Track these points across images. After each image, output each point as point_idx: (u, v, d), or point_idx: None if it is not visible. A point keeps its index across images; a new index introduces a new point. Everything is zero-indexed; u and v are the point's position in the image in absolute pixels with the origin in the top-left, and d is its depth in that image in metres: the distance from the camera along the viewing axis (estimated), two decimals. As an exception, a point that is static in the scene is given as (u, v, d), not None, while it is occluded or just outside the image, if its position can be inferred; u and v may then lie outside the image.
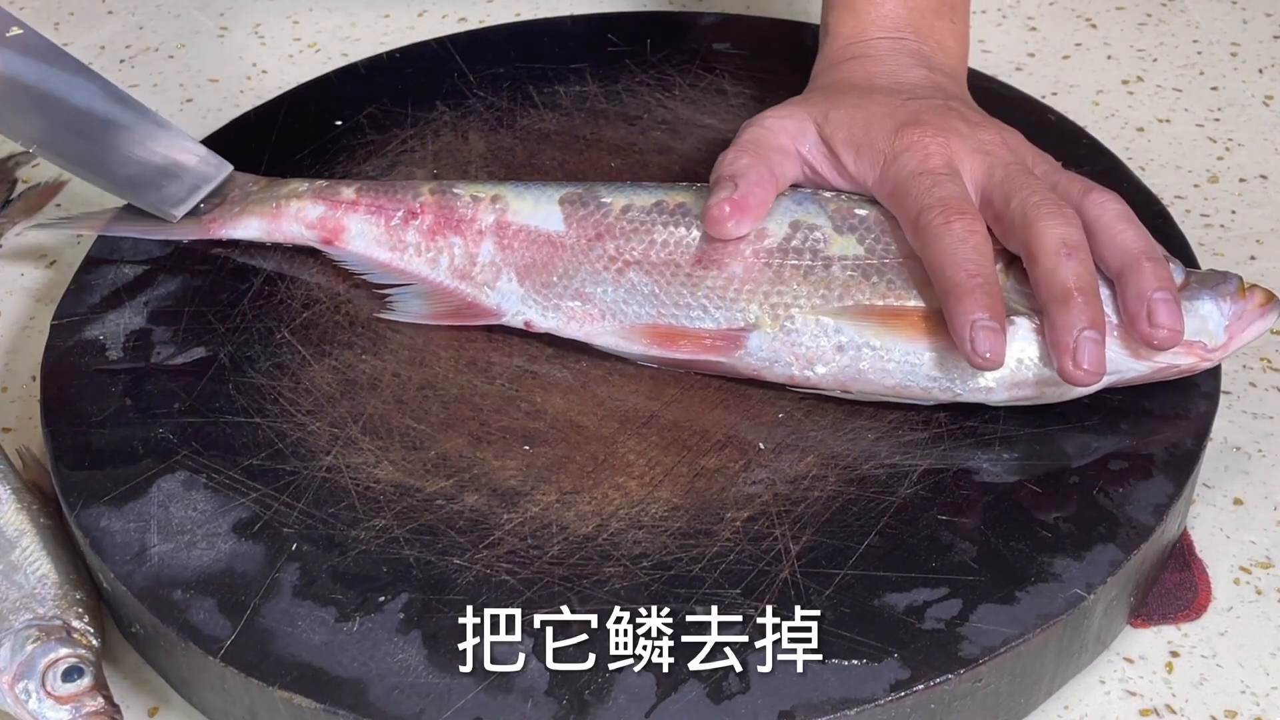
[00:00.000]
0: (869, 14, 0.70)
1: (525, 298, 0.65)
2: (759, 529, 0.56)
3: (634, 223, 0.64)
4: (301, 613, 0.54)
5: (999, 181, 0.61)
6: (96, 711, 0.55)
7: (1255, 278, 0.71)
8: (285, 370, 0.64)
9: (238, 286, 0.68)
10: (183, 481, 0.59)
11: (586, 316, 0.63)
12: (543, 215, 0.65)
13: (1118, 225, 0.59)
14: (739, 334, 0.61)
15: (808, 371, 0.61)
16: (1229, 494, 0.64)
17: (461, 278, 0.66)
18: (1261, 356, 0.70)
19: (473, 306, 0.65)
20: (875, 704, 0.50)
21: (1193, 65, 0.90)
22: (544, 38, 0.84)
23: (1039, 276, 0.58)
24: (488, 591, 0.55)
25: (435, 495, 0.58)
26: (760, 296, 0.61)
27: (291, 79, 0.87)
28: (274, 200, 0.70)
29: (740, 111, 0.77)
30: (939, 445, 0.59)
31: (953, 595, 0.54)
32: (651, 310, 0.62)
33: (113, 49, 0.95)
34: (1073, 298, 0.57)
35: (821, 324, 0.60)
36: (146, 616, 0.55)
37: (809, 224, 0.63)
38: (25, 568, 0.59)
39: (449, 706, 0.51)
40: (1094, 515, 0.56)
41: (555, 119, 0.78)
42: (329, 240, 0.68)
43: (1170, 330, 0.57)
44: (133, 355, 0.65)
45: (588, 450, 0.60)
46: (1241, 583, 0.61)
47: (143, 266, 0.70)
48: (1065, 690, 0.57)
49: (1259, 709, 0.56)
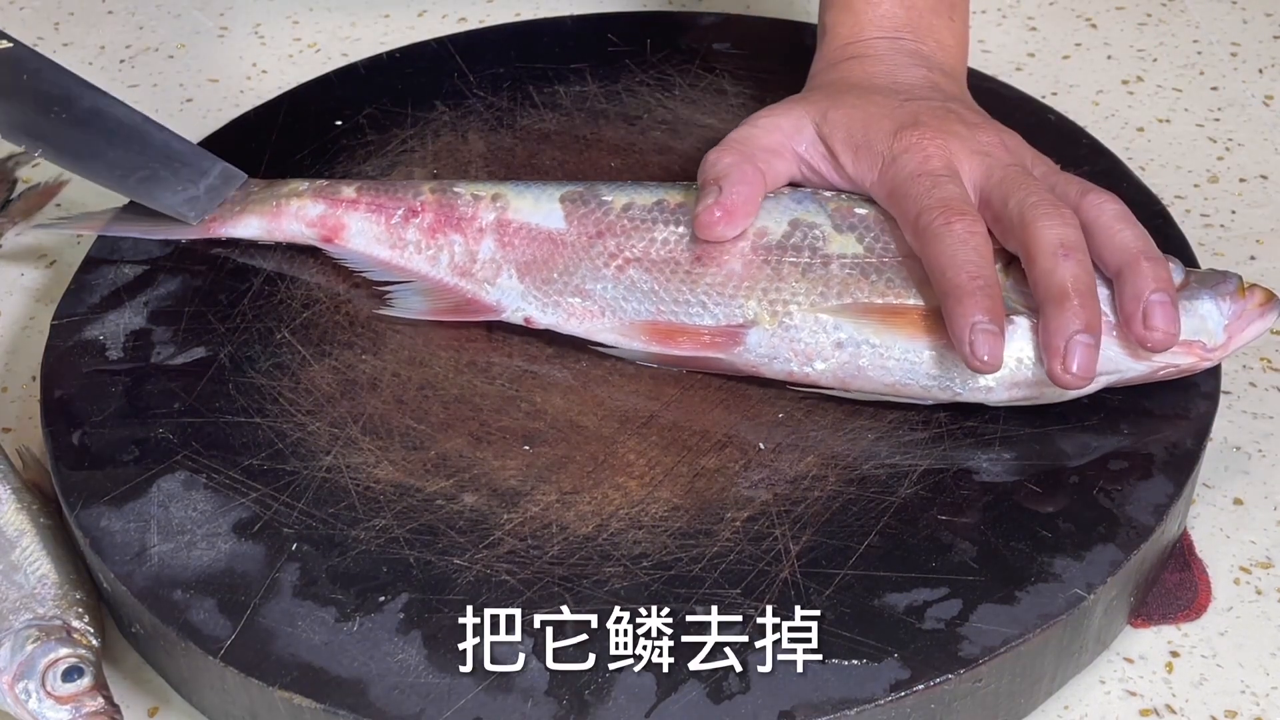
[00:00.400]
0: (867, 13, 0.70)
1: (525, 294, 0.65)
2: (759, 529, 0.56)
3: (635, 220, 0.64)
4: (301, 613, 0.54)
5: (997, 182, 0.61)
6: (96, 711, 0.55)
7: (1255, 278, 0.71)
8: (285, 370, 0.64)
9: (238, 286, 0.68)
10: (183, 481, 0.59)
11: (586, 313, 0.64)
12: (544, 213, 0.65)
13: (1116, 225, 0.59)
14: (738, 330, 0.61)
15: (806, 368, 0.61)
16: (1229, 494, 0.64)
17: (462, 274, 0.66)
18: (1261, 356, 0.70)
19: (473, 303, 0.65)
20: (875, 704, 0.50)
21: (1193, 65, 0.90)
22: (544, 38, 0.84)
23: (1036, 277, 0.58)
24: (488, 591, 0.55)
25: (435, 495, 0.58)
26: (759, 293, 0.61)
27: (291, 79, 0.87)
28: (274, 199, 0.70)
29: (740, 111, 0.77)
30: (939, 445, 0.59)
31: (953, 595, 0.54)
32: (651, 307, 0.63)
33: (113, 49, 0.95)
34: (1068, 299, 0.57)
35: (820, 321, 0.60)
36: (146, 616, 0.55)
37: (809, 222, 0.63)
38: (25, 568, 0.59)
39: (449, 706, 0.51)
40: (1094, 515, 0.56)
41: (555, 119, 0.78)
42: (329, 238, 0.68)
43: (1165, 333, 0.57)
44: (133, 355, 0.65)
45: (588, 450, 0.60)
46: (1241, 583, 0.61)
47: (143, 266, 0.70)
48: (1065, 690, 0.57)
49: (1259, 709, 0.56)
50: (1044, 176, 0.62)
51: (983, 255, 0.58)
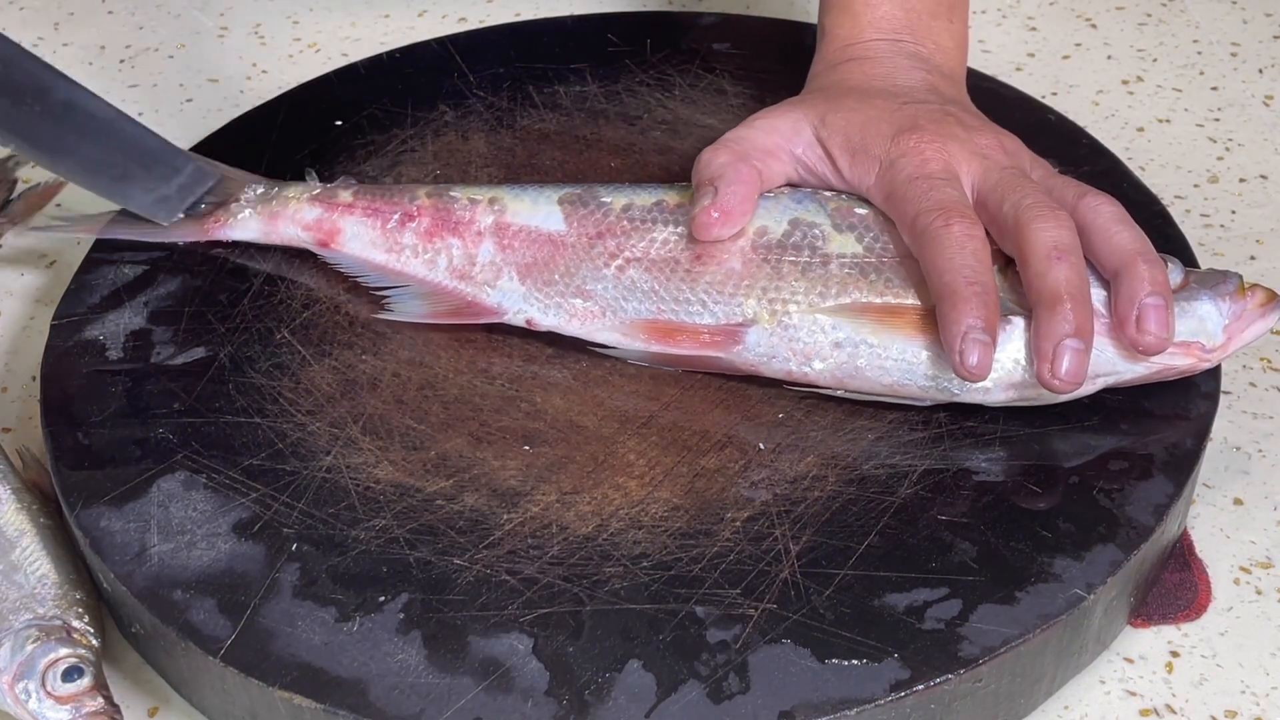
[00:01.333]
0: (865, 16, 0.69)
1: (527, 296, 0.65)
2: (759, 529, 0.56)
3: (634, 221, 0.64)
4: (301, 613, 0.54)
5: (994, 185, 0.60)
6: (96, 711, 0.55)
7: (1255, 278, 0.71)
8: (285, 370, 0.64)
9: (237, 286, 0.68)
10: (183, 481, 0.59)
11: (588, 314, 0.64)
12: (543, 215, 0.66)
13: (1113, 227, 0.59)
14: (737, 329, 0.61)
15: (805, 367, 0.61)
16: (1229, 494, 0.64)
17: (461, 278, 0.66)
18: (1261, 356, 0.70)
19: (473, 305, 0.65)
20: (875, 704, 0.50)
21: (1193, 65, 0.90)
22: (544, 38, 0.84)
23: (1029, 279, 0.58)
24: (488, 591, 0.55)
25: (435, 495, 0.58)
26: (759, 292, 0.61)
27: (291, 79, 0.87)
28: (271, 202, 0.70)
29: (740, 111, 0.77)
30: (939, 445, 0.59)
31: (953, 595, 0.54)
32: (651, 306, 0.63)
33: (113, 49, 0.95)
34: (1059, 303, 0.56)
35: (818, 321, 0.60)
36: (146, 616, 0.55)
37: (808, 222, 0.63)
38: (25, 568, 0.59)
39: (449, 706, 0.51)
40: (1094, 515, 0.56)
41: (555, 119, 0.78)
42: (325, 243, 0.68)
43: (1158, 337, 0.57)
44: (133, 355, 0.65)
45: (588, 450, 0.60)
46: (1241, 583, 0.61)
47: (143, 266, 0.70)
48: (1065, 690, 0.57)
49: (1259, 709, 0.56)
50: (1042, 179, 0.62)
51: (980, 259, 0.58)
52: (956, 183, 0.61)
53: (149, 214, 0.70)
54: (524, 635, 0.53)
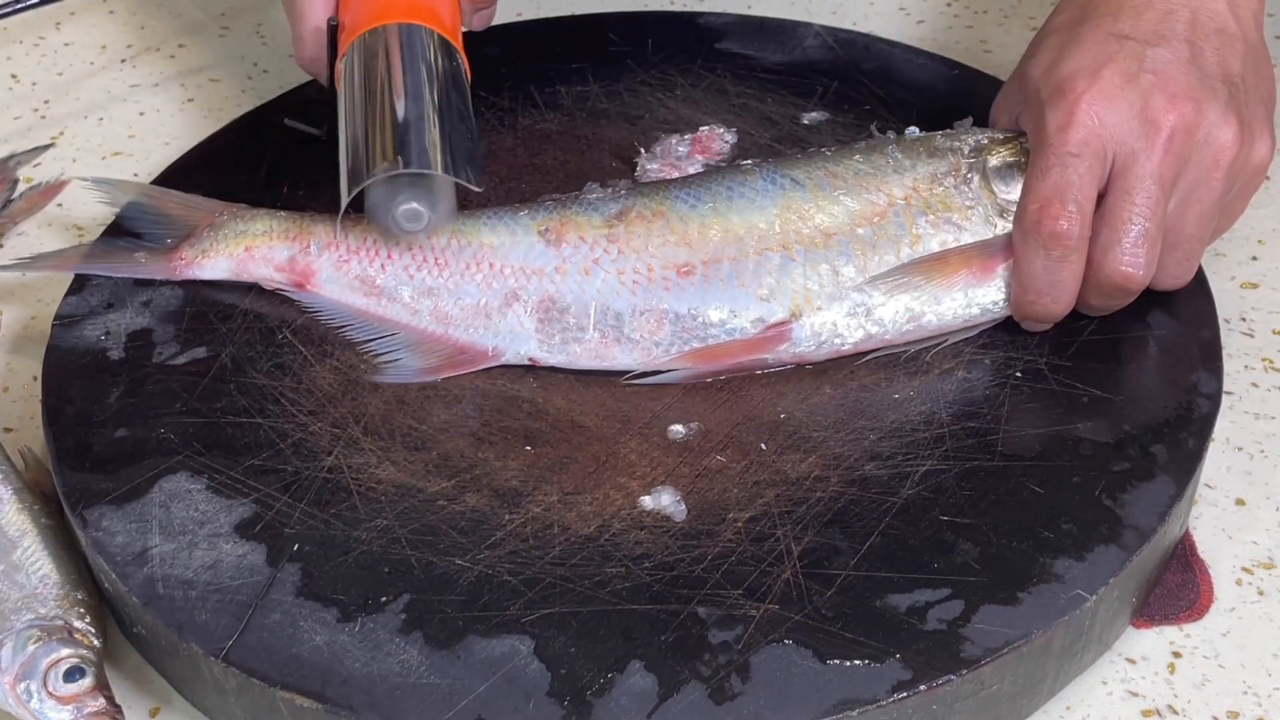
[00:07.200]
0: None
1: (527, 335, 0.63)
2: (761, 529, 0.56)
3: (628, 235, 0.63)
4: (303, 613, 0.54)
5: (1123, 190, 0.60)
6: (98, 712, 0.55)
7: (1255, 278, 0.71)
8: (287, 370, 0.64)
9: (239, 286, 0.68)
10: (184, 482, 0.59)
11: (603, 344, 0.63)
12: (524, 248, 0.64)
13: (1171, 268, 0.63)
14: (782, 328, 0.62)
15: (861, 342, 0.63)
16: (1231, 494, 0.64)
17: (444, 322, 0.64)
18: (1263, 357, 0.70)
19: (467, 350, 0.63)
20: (877, 705, 0.50)
21: (1194, 65, 0.90)
22: (545, 38, 0.84)
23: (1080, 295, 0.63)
24: (489, 592, 0.55)
25: (437, 496, 0.58)
26: (781, 284, 0.62)
27: (292, 79, 0.87)
28: (241, 240, 0.67)
29: (741, 111, 0.77)
30: (941, 446, 0.59)
31: (955, 596, 0.54)
32: (675, 329, 0.62)
33: (113, 48, 0.95)
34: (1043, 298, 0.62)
35: (852, 297, 0.62)
36: (148, 617, 0.55)
37: (794, 202, 0.63)
38: (27, 568, 0.59)
39: (450, 707, 0.51)
40: (1096, 516, 0.56)
41: (556, 119, 0.78)
42: (300, 284, 0.66)
43: (1047, 323, 0.63)
44: (134, 355, 0.65)
45: (589, 451, 0.60)
46: (1244, 583, 0.61)
47: (144, 266, 0.70)
48: (1067, 691, 0.57)
49: (1261, 709, 0.56)
50: (1191, 189, 0.60)
51: (1069, 290, 0.61)
52: (1088, 159, 0.58)
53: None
54: (526, 636, 0.53)
